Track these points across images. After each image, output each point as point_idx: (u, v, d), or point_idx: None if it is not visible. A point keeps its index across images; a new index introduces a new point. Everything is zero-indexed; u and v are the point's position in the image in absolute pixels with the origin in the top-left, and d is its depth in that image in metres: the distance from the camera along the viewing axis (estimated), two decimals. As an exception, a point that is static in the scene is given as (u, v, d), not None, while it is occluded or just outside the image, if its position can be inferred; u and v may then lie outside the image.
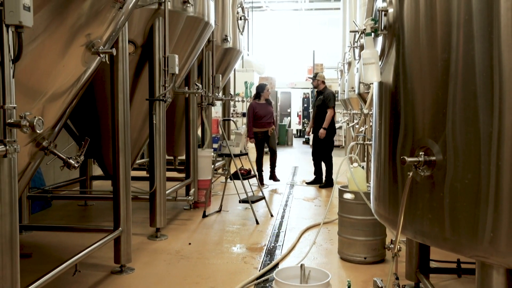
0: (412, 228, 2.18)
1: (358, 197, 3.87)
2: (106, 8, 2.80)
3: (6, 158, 2.13)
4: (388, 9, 2.33)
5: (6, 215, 2.18)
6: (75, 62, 2.84)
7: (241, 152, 5.78)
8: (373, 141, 2.76)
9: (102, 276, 3.59)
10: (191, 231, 4.97)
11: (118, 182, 3.63)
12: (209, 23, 5.19)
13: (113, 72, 3.57)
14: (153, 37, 4.41)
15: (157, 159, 4.55)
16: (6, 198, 2.17)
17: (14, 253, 2.23)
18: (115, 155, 3.63)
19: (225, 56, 7.24)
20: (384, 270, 3.77)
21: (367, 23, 2.39)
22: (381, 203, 2.59)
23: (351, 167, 3.60)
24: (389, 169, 2.49)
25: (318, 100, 7.65)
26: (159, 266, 3.85)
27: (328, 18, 20.55)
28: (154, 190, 4.54)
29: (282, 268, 2.78)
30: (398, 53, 2.28)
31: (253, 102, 7.90)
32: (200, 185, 6.03)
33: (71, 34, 2.64)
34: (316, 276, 2.69)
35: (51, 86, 2.74)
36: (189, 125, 5.92)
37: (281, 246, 4.47)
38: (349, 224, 3.95)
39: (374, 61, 2.37)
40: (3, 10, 1.96)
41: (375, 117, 2.69)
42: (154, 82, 4.46)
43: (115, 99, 3.60)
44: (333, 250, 4.27)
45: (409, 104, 2.24)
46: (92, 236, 4.24)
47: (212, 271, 3.75)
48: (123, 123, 3.63)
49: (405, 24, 2.23)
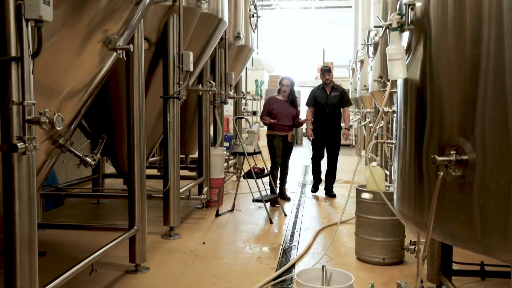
0: (441, 230, 2.11)
1: (376, 196, 3.79)
2: (123, 4, 2.75)
3: (25, 156, 2.09)
4: (416, 3, 2.26)
5: (25, 213, 2.14)
6: (92, 58, 2.80)
7: (254, 151, 5.72)
8: (396, 139, 2.69)
9: (117, 275, 3.55)
10: (204, 230, 4.93)
11: (133, 181, 3.59)
12: (223, 20, 5.13)
13: (129, 69, 3.53)
14: (168, 34, 4.35)
15: (171, 157, 4.50)
16: (24, 196, 2.13)
17: (33, 252, 2.19)
18: (130, 153, 3.58)
19: (238, 54, 7.17)
20: (403, 271, 3.69)
21: (393, 18, 2.32)
22: (406, 203, 2.51)
23: (371, 166, 3.52)
24: (414, 168, 2.41)
25: (333, 98, 6.58)
26: (174, 265, 3.81)
27: (338, 16, 20.41)
28: (168, 189, 4.49)
29: (303, 269, 2.72)
30: (426, 48, 2.21)
31: (271, 97, 6.51)
32: (213, 184, 5.98)
33: (88, 30, 2.60)
34: (337, 278, 2.62)
35: (69, 83, 2.70)
36: (202, 123, 5.88)
37: (296, 246, 4.40)
38: (367, 224, 3.87)
39: (400, 57, 2.30)
40: (23, 4, 1.92)
41: (399, 115, 2.61)
42: (168, 80, 4.41)
43: (130, 96, 3.55)
44: (350, 251, 4.19)
45: (437, 102, 2.16)
46: (106, 235, 4.22)
47: (227, 271, 3.69)
48: (139, 121, 3.58)
49: (434, 19, 2.15)
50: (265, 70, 15.55)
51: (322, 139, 6.60)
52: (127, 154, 3.60)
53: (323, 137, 6.59)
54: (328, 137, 6.58)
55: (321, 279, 2.62)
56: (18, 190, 2.11)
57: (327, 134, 6.58)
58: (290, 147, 6.28)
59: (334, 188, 6.84)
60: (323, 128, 6.58)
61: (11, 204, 2.11)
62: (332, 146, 6.60)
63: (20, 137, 1.99)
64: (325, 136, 6.58)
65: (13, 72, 2.03)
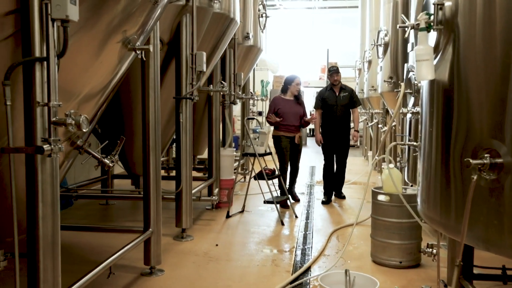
0: (473, 235, 2.06)
1: (393, 199, 3.75)
2: (143, 4, 2.71)
3: (49, 158, 2.06)
4: (445, 3, 2.21)
5: (48, 216, 2.11)
6: (111, 59, 2.76)
7: (265, 152, 5.68)
8: (421, 141, 2.65)
9: (132, 278, 3.51)
10: (216, 232, 4.89)
11: (148, 182, 3.55)
12: (234, 20, 5.09)
13: (144, 70, 3.49)
14: (181, 34, 4.31)
15: (184, 158, 4.46)
16: (48, 198, 2.10)
17: (56, 255, 2.16)
18: (145, 154, 3.54)
19: (246, 54, 7.13)
20: (421, 275, 3.65)
21: (421, 18, 2.27)
22: (431, 206, 2.47)
23: (388, 168, 3.48)
24: (441, 170, 2.37)
25: (343, 98, 6.32)
26: (188, 268, 3.77)
27: (342, 17, 20.38)
28: (181, 190, 4.46)
29: (326, 273, 2.68)
30: (456, 49, 2.16)
31: (277, 96, 6.27)
32: (222, 185, 5.95)
33: (109, 30, 2.56)
34: (361, 282, 2.59)
35: (87, 84, 2.66)
36: (211, 124, 5.83)
37: (310, 249, 4.36)
38: (383, 227, 3.83)
39: (428, 57, 2.26)
40: (50, 3, 1.88)
41: (424, 116, 2.57)
42: (181, 80, 4.37)
43: (146, 97, 3.51)
44: (365, 253, 4.15)
45: (468, 103, 2.12)
46: (117, 236, 4.19)
47: (243, 274, 3.65)
48: (154, 122, 3.54)
49: (465, 19, 2.11)
50: (270, 71, 15.51)
51: (332, 142, 6.33)
52: (142, 156, 3.56)
53: (333, 140, 6.31)
54: (338, 140, 6.32)
55: (344, 283, 2.58)
56: (41, 193, 2.07)
57: (337, 136, 6.30)
58: (298, 148, 6.10)
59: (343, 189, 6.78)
60: (333, 130, 6.28)
61: (34, 207, 2.08)
62: (341, 148, 6.37)
63: (45, 139, 1.95)
64: (335, 138, 6.31)
65: (37, 73, 2.00)
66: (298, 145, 6.04)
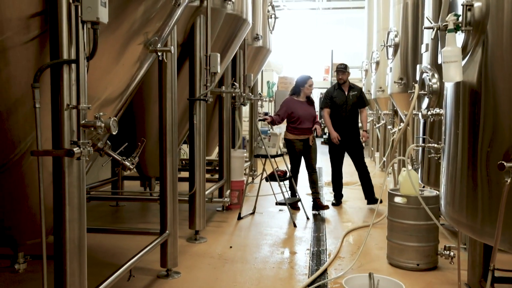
0: (505, 238, 2.04)
1: (410, 201, 3.73)
2: (165, 5, 2.70)
3: (76, 161, 2.04)
4: (474, 4, 2.19)
5: (75, 220, 2.10)
6: (132, 61, 2.75)
7: (277, 153, 5.66)
8: (445, 143, 2.63)
9: (149, 280, 3.49)
10: (229, 234, 4.87)
11: (165, 184, 3.53)
12: (246, 21, 5.08)
13: (161, 71, 3.47)
14: (194, 36, 4.30)
15: (197, 160, 4.45)
16: (75, 201, 2.09)
17: (82, 259, 2.15)
18: (162, 156, 3.53)
19: (255, 55, 7.13)
20: (439, 278, 3.62)
21: (449, 19, 2.25)
22: (457, 208, 2.45)
23: (407, 170, 3.46)
24: (467, 173, 2.35)
25: (352, 97, 6.16)
26: (204, 270, 3.75)
27: (346, 17, 20.36)
28: (194, 192, 4.44)
29: (350, 276, 2.66)
30: (486, 51, 2.14)
31: (289, 98, 5.97)
32: (233, 186, 5.93)
33: (131, 32, 2.55)
34: (385, 285, 2.56)
35: (109, 87, 2.65)
36: (222, 125, 5.82)
37: (324, 250, 4.34)
38: (400, 229, 3.80)
39: (456, 59, 2.24)
40: (80, 6, 1.87)
41: (449, 119, 2.55)
42: (195, 82, 4.35)
43: (163, 99, 3.50)
44: (381, 255, 4.13)
45: (498, 106, 2.10)
46: (130, 238, 4.17)
47: (260, 277, 3.63)
48: (171, 123, 3.53)
49: (496, 20, 2.09)
50: (274, 71, 15.49)
51: (342, 145, 6.10)
52: (159, 158, 3.55)
53: (343, 142, 6.09)
54: (347, 140, 6.12)
55: (368, 286, 2.56)
56: (68, 196, 2.06)
57: (346, 137, 6.11)
58: (314, 149, 5.92)
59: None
60: (341, 130, 6.07)
61: (61, 210, 2.06)
62: (355, 150, 6.15)
63: (75, 141, 1.94)
64: (344, 139, 6.09)
65: (65, 75, 1.99)
66: (312, 145, 5.88)
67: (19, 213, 2.74)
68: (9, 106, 2.28)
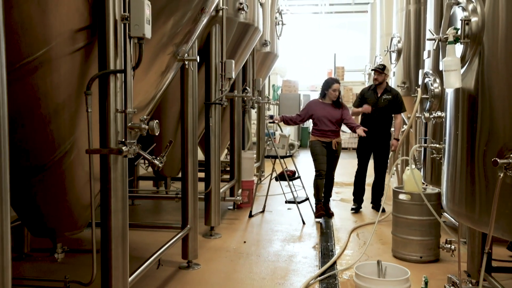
0: (499, 226, 2.31)
1: (414, 197, 4.00)
2: (192, 16, 2.97)
3: (120, 158, 2.32)
4: (471, 19, 2.47)
5: (119, 210, 2.37)
6: (162, 69, 3.03)
7: (286, 154, 5.93)
8: (445, 144, 2.90)
9: (171, 271, 3.76)
10: (242, 230, 5.14)
11: (186, 183, 3.81)
12: (258, 29, 5.36)
13: (183, 78, 3.75)
14: (210, 43, 4.58)
15: (213, 160, 4.72)
16: (119, 194, 2.36)
17: (125, 246, 2.41)
18: (184, 157, 3.80)
19: (263, 60, 7.41)
20: (441, 269, 3.89)
21: (449, 32, 2.53)
22: (457, 201, 2.72)
23: (411, 169, 3.73)
24: (466, 170, 2.62)
25: (384, 101, 5.81)
26: (222, 262, 4.02)
27: (348, 21, 20.64)
28: (210, 190, 4.71)
29: (361, 264, 2.93)
30: (482, 60, 2.42)
31: (314, 100, 5.89)
32: (243, 186, 6.20)
33: (161, 43, 2.83)
34: (392, 272, 2.83)
35: (142, 92, 2.92)
36: (233, 127, 6.09)
37: (333, 245, 4.61)
38: (404, 224, 4.07)
39: (456, 68, 2.51)
40: (128, 24, 2.15)
41: (449, 121, 2.82)
42: (211, 86, 4.63)
43: (185, 103, 3.78)
44: (386, 249, 4.40)
45: (493, 110, 2.37)
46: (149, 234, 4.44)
47: (274, 268, 3.90)
48: (192, 126, 3.81)
49: (491, 34, 2.36)
50: (278, 75, 15.79)
51: (368, 147, 5.86)
52: (181, 158, 3.83)
53: (370, 145, 5.84)
54: (375, 145, 5.86)
55: (376, 273, 2.83)
56: (113, 189, 2.33)
57: (374, 141, 5.81)
58: (336, 155, 5.61)
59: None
60: (370, 133, 5.59)
61: (108, 202, 2.34)
62: (379, 154, 5.90)
63: (122, 141, 2.21)
64: (372, 143, 5.82)
65: (111, 83, 2.27)
66: (335, 151, 5.59)
67: (58, 208, 3.02)
68: (53, 110, 2.56)
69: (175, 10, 2.73)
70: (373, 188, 6.10)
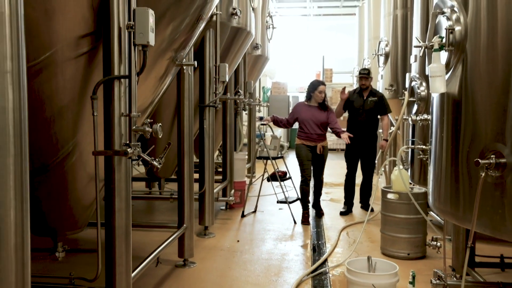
0: (481, 223, 2.47)
1: (402, 197, 4.16)
2: (190, 22, 3.08)
3: (124, 159, 2.43)
4: (455, 28, 2.63)
5: (123, 210, 2.48)
6: (161, 74, 3.13)
7: (277, 155, 6.06)
8: (432, 145, 3.06)
9: (168, 269, 3.87)
10: (235, 230, 5.26)
11: (182, 183, 3.92)
12: (250, 33, 5.49)
13: (180, 82, 3.86)
14: (204, 48, 4.70)
15: (206, 161, 4.83)
16: (122, 194, 2.47)
17: (128, 243, 2.52)
18: (180, 158, 3.91)
19: (254, 63, 7.54)
20: (427, 265, 4.06)
21: (435, 40, 2.69)
22: (442, 200, 2.88)
23: (399, 169, 3.89)
24: (451, 170, 2.78)
25: (369, 103, 5.90)
26: (217, 260, 4.14)
27: (337, 24, 20.90)
28: (204, 191, 4.82)
29: (352, 259, 3.07)
30: (466, 67, 2.58)
31: (300, 103, 5.96)
32: (235, 187, 6.32)
33: (160, 49, 2.93)
34: (382, 267, 2.98)
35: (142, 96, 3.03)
36: (226, 129, 6.21)
37: (324, 243, 4.76)
38: (393, 223, 4.23)
39: (441, 74, 2.67)
40: (134, 31, 2.26)
41: (435, 124, 2.98)
42: (205, 89, 4.74)
43: (181, 106, 3.89)
44: (374, 247, 4.56)
45: (476, 113, 2.53)
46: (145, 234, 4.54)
47: (268, 265, 4.03)
48: (188, 128, 3.92)
49: (473, 42, 2.52)
50: (268, 77, 15.94)
51: (356, 149, 5.92)
52: (177, 159, 3.94)
53: (357, 147, 5.89)
54: (362, 147, 5.94)
55: (367, 268, 2.97)
56: (117, 189, 2.44)
57: (361, 143, 5.88)
58: (322, 159, 5.62)
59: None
60: (357, 136, 5.70)
61: (111, 201, 2.44)
62: (366, 156, 6.01)
63: (127, 143, 2.32)
64: (359, 145, 5.88)
65: (116, 88, 2.37)
66: (321, 155, 5.58)
67: (60, 207, 3.11)
68: (55, 113, 2.65)
69: (174, 17, 2.84)
70: (362, 189, 6.23)
